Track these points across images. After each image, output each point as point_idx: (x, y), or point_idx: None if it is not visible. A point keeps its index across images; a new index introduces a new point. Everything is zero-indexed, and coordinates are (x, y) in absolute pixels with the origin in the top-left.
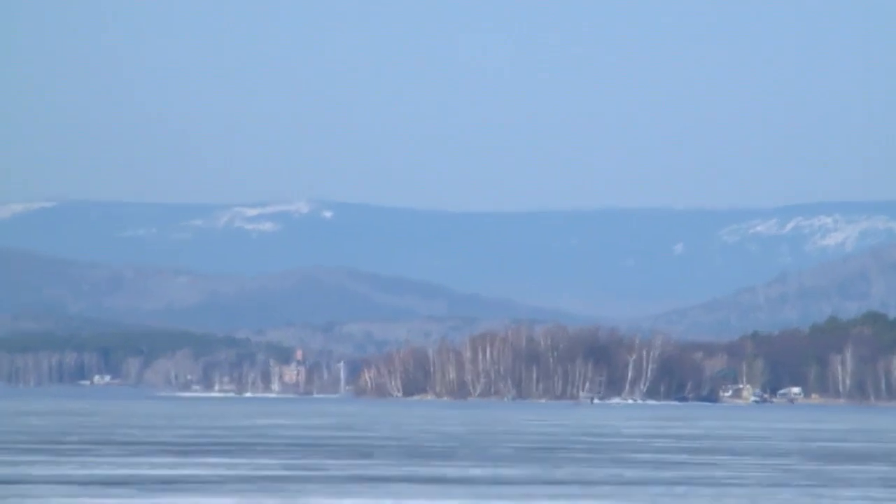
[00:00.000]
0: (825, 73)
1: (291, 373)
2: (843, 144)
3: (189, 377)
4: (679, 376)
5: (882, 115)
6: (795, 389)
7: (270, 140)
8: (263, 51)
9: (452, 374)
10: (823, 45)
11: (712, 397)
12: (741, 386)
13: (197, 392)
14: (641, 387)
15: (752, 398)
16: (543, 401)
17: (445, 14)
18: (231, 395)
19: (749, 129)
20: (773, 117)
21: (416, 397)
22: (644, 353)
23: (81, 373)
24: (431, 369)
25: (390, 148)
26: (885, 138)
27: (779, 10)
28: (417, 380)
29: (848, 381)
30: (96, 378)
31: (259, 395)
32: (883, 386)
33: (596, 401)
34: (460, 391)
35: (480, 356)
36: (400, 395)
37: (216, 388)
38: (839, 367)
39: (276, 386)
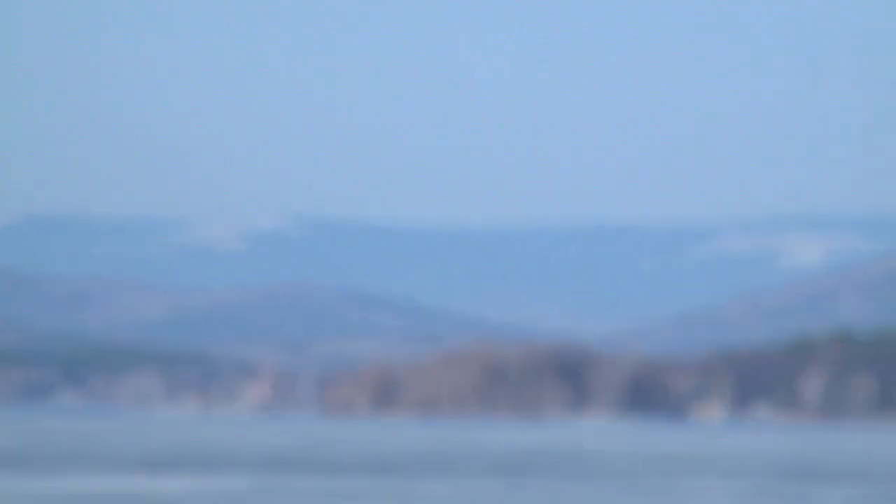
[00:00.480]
0: (790, 88)
1: (258, 389)
2: (813, 160)
3: (156, 393)
4: (648, 393)
5: (852, 131)
6: (764, 407)
7: (237, 155)
8: (230, 64)
9: (421, 391)
10: (792, 61)
11: (681, 415)
12: (710, 403)
13: (163, 408)
14: (610, 403)
15: (721, 416)
16: (511, 417)
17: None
18: (198, 411)
19: (718, 144)
20: (743, 132)
21: (383, 413)
22: (613, 369)
23: (47, 389)
24: (400, 385)
25: (356, 164)
26: (854, 153)
27: (741, 30)
28: (386, 396)
29: (817, 400)
30: (62, 394)
31: (226, 411)
32: (852, 405)
33: (564, 418)
34: (429, 407)
35: (449, 372)
36: (367, 411)
37: (183, 404)
38: (808, 386)
39: (242, 402)
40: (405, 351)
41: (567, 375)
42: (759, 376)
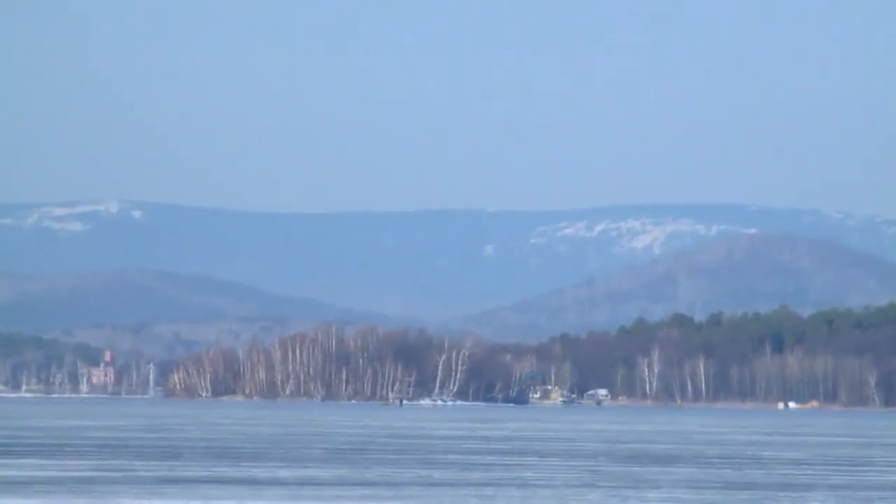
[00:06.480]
0: (636, 79)
1: (100, 374)
2: (650, 147)
3: None
4: (488, 377)
5: (690, 120)
6: (602, 391)
7: (80, 139)
8: (72, 50)
9: (262, 375)
10: (633, 49)
11: (521, 398)
12: (550, 387)
13: (4, 392)
14: (450, 387)
15: (560, 399)
16: (353, 401)
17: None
18: (39, 395)
19: (556, 131)
20: (581, 119)
21: (225, 398)
22: (454, 354)
23: None
24: (241, 370)
25: (199, 148)
26: (691, 141)
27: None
28: (227, 380)
29: (654, 383)
30: None
31: (67, 395)
32: (689, 388)
33: (404, 402)
34: (270, 392)
35: (290, 357)
36: (209, 395)
37: (24, 388)
38: (646, 369)
39: (84, 387)
40: (247, 335)
41: (408, 360)
42: (598, 360)
